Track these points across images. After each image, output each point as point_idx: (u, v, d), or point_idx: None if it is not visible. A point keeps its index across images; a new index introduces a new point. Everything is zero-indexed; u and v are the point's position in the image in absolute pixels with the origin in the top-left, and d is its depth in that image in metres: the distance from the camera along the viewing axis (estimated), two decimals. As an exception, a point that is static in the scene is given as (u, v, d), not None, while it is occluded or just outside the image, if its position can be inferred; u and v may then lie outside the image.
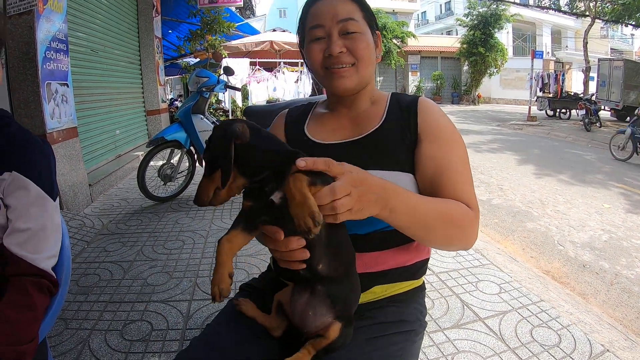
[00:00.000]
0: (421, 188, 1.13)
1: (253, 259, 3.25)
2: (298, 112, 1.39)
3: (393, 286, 1.19)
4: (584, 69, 20.65)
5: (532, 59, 17.91)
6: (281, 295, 1.08)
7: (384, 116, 1.22)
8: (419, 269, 1.23)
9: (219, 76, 5.16)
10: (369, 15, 1.20)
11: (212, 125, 4.88)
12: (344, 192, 0.81)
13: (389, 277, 1.17)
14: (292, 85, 12.28)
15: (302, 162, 0.82)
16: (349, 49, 1.14)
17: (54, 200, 1.21)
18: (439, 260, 3.19)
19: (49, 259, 1.15)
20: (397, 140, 1.16)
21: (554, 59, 28.71)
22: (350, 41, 1.14)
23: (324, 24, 1.15)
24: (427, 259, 1.25)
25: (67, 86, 4.58)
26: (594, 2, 19.65)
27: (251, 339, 1.08)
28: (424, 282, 1.30)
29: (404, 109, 1.21)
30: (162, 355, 2.15)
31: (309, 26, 1.19)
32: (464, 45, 26.73)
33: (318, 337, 0.99)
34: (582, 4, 21.43)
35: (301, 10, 1.24)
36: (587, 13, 20.68)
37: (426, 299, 1.34)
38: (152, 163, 4.76)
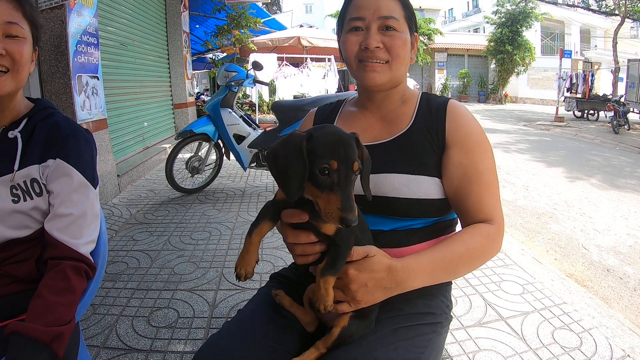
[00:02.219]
0: (447, 193, 1.15)
1: (279, 251, 3.31)
2: (327, 110, 1.40)
3: None
4: (613, 69, 20.19)
5: (561, 59, 17.56)
6: (311, 289, 1.11)
7: (413, 118, 1.22)
8: None
9: (247, 71, 5.23)
10: (410, 16, 1.20)
11: (240, 119, 4.95)
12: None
13: None
14: (318, 81, 12.27)
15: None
16: (385, 46, 1.15)
17: (95, 189, 1.25)
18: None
19: (87, 244, 1.19)
20: (425, 143, 1.17)
21: (583, 58, 28.09)
22: (388, 38, 1.15)
23: (364, 17, 1.16)
24: None
25: (98, 79, 4.69)
26: (624, 1, 19.18)
27: (281, 328, 1.10)
28: None
29: (433, 112, 1.21)
30: (188, 342, 2.20)
31: (349, 17, 1.20)
32: (492, 43, 26.32)
33: (329, 333, 1.02)
34: (611, 2, 20.94)
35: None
36: (617, 12, 20.19)
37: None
38: (179, 155, 4.84)
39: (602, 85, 25.67)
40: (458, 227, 1.24)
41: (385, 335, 1.05)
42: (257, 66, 5.37)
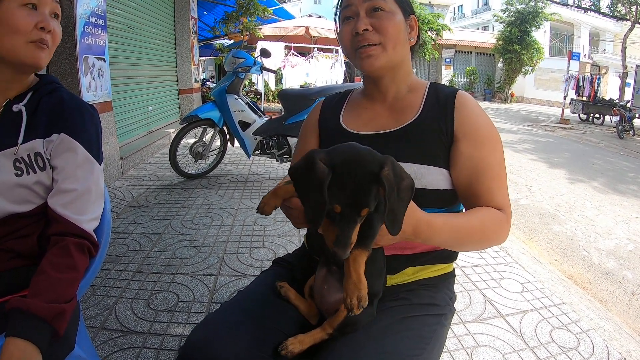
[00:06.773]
0: (456, 185, 1.14)
1: (279, 239, 3.32)
2: (334, 100, 1.39)
3: (425, 269, 1.21)
4: (621, 74, 20.07)
5: (569, 61, 17.41)
6: (312, 280, 1.11)
7: (421, 108, 1.20)
8: (451, 253, 1.26)
9: (254, 58, 5.21)
10: None
11: (246, 106, 4.94)
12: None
13: (421, 259, 1.19)
14: (325, 71, 12.24)
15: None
16: (374, 27, 1.13)
17: (100, 165, 1.24)
18: (464, 255, 3.17)
19: (91, 221, 1.17)
20: (434, 134, 1.15)
21: (591, 61, 27.94)
22: (376, 19, 1.14)
23: (352, 3, 1.15)
24: None
25: (104, 61, 4.69)
26: (636, 7, 19.04)
27: (280, 312, 1.11)
28: (454, 268, 1.33)
29: (441, 102, 1.19)
30: (187, 326, 2.21)
31: (340, 8, 1.20)
32: (500, 42, 26.06)
33: (335, 315, 1.01)
34: (623, 7, 20.81)
35: None
36: (628, 17, 20.06)
37: (449, 292, 1.36)
38: (183, 140, 4.84)
39: (610, 90, 25.51)
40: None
41: (393, 324, 1.06)
42: (265, 53, 5.36)
